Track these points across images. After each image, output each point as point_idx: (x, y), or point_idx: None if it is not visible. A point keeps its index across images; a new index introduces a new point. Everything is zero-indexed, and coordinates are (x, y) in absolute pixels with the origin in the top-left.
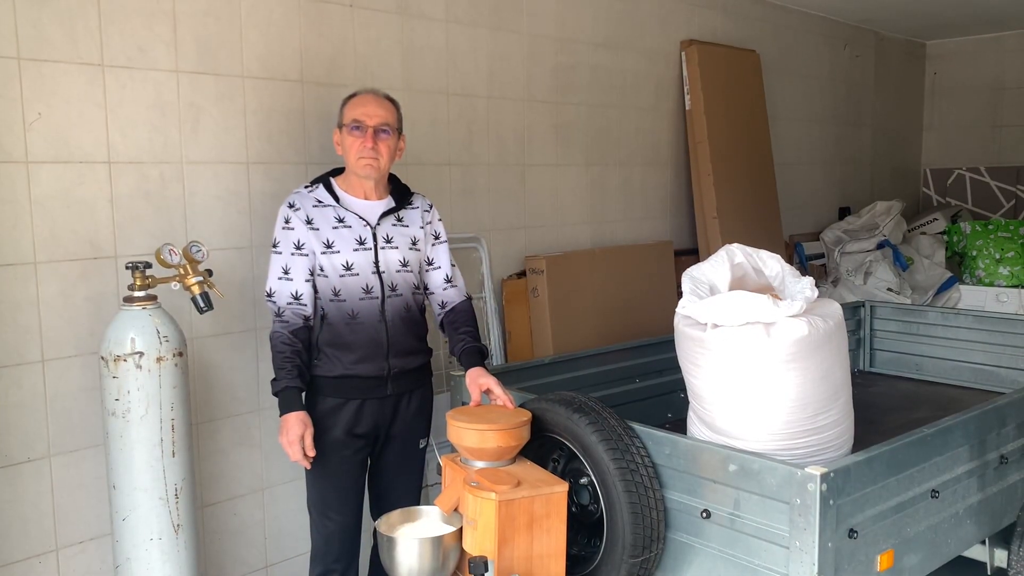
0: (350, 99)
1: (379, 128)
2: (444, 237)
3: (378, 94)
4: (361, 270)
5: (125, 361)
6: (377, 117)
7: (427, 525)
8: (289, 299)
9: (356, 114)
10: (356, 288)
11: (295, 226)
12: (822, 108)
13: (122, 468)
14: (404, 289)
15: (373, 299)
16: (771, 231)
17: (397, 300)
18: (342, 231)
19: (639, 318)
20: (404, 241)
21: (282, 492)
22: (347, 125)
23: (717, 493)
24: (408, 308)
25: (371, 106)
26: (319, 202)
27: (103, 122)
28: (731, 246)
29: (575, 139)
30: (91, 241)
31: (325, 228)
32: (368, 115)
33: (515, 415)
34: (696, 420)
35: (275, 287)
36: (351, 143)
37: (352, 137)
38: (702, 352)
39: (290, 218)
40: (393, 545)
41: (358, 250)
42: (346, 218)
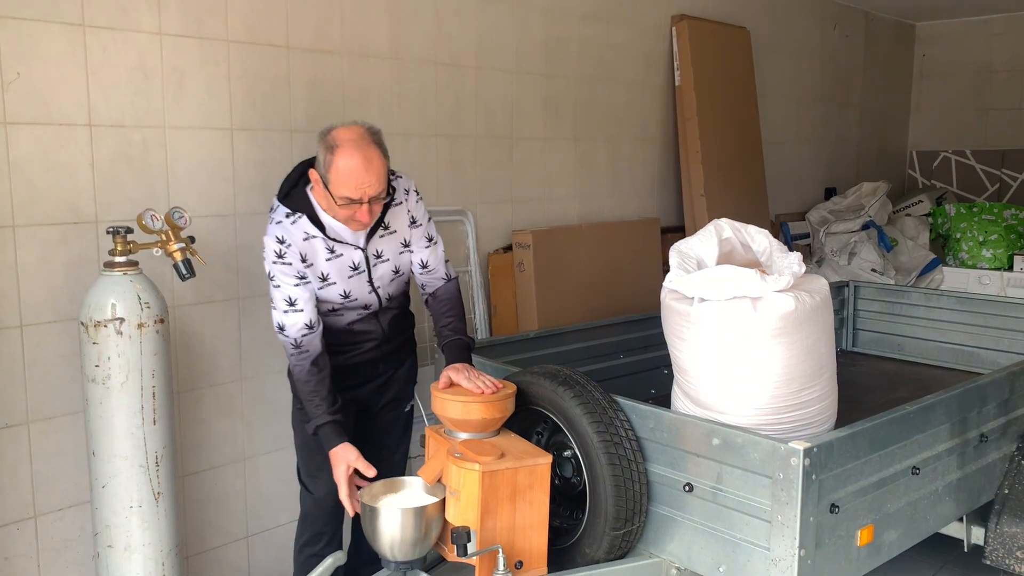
0: (335, 158)
1: (373, 198)
2: (420, 218)
3: (366, 150)
4: (359, 294)
5: (105, 327)
6: (372, 189)
7: (410, 496)
8: (304, 330)
9: (347, 191)
10: (353, 308)
11: (292, 261)
12: (811, 87)
13: (102, 435)
14: (399, 293)
15: (371, 314)
16: (758, 210)
17: (394, 304)
18: (334, 262)
19: (624, 295)
20: (394, 249)
21: (264, 462)
22: (337, 199)
23: (700, 467)
24: (402, 306)
25: (363, 175)
26: (307, 235)
27: (84, 84)
28: (719, 221)
29: (564, 113)
30: (71, 205)
31: (319, 262)
32: (361, 190)
33: (500, 387)
34: (680, 394)
35: (284, 321)
36: (340, 210)
37: (343, 208)
38: (688, 326)
39: (284, 253)
40: (376, 515)
41: (352, 276)
42: (335, 248)
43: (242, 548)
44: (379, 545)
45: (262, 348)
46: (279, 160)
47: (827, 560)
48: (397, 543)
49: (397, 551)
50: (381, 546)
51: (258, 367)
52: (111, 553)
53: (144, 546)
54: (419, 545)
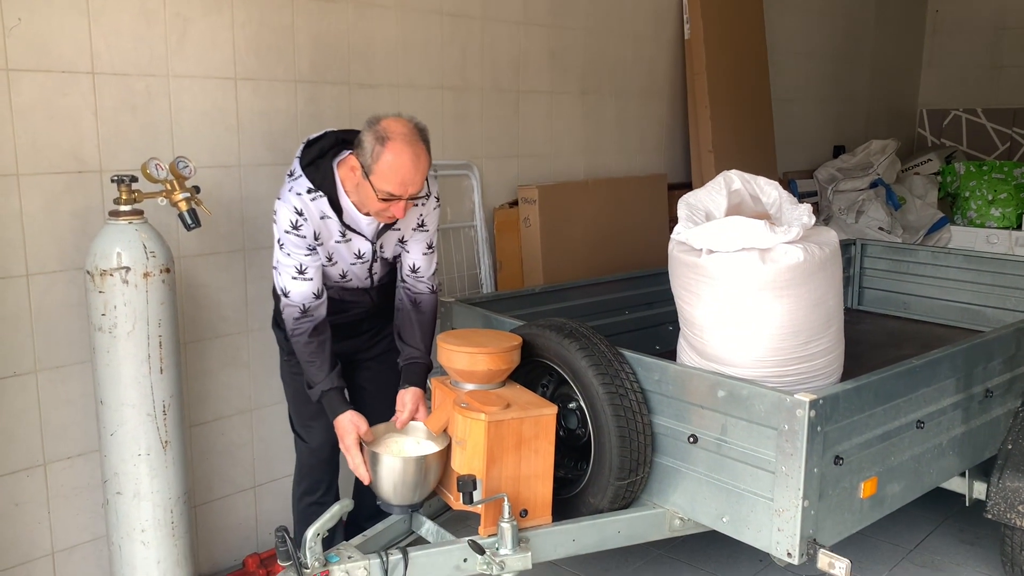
0: (383, 149)
1: (413, 196)
2: (430, 225)
3: (415, 146)
4: (356, 277)
5: (111, 276)
6: (414, 187)
7: (413, 439)
8: (312, 299)
9: (391, 187)
10: (349, 289)
11: (306, 234)
12: (821, 43)
13: (109, 384)
14: (390, 278)
15: (364, 292)
16: (766, 167)
17: (384, 281)
18: (343, 246)
19: (630, 251)
20: (392, 242)
21: (270, 414)
22: (378, 191)
23: (705, 419)
24: (392, 282)
25: (411, 173)
26: (324, 215)
27: (86, 30)
28: (728, 172)
29: (571, 66)
30: (75, 154)
31: (329, 242)
32: (404, 187)
33: (506, 339)
34: (687, 347)
35: (290, 287)
36: (375, 202)
37: (381, 202)
38: (696, 278)
39: (300, 225)
40: (377, 461)
41: (355, 263)
42: (347, 234)
43: (249, 497)
44: (380, 489)
45: (268, 300)
46: (283, 110)
47: (830, 511)
48: (398, 488)
49: (398, 496)
50: (383, 490)
51: (264, 319)
52: (120, 500)
53: (153, 493)
54: (419, 489)
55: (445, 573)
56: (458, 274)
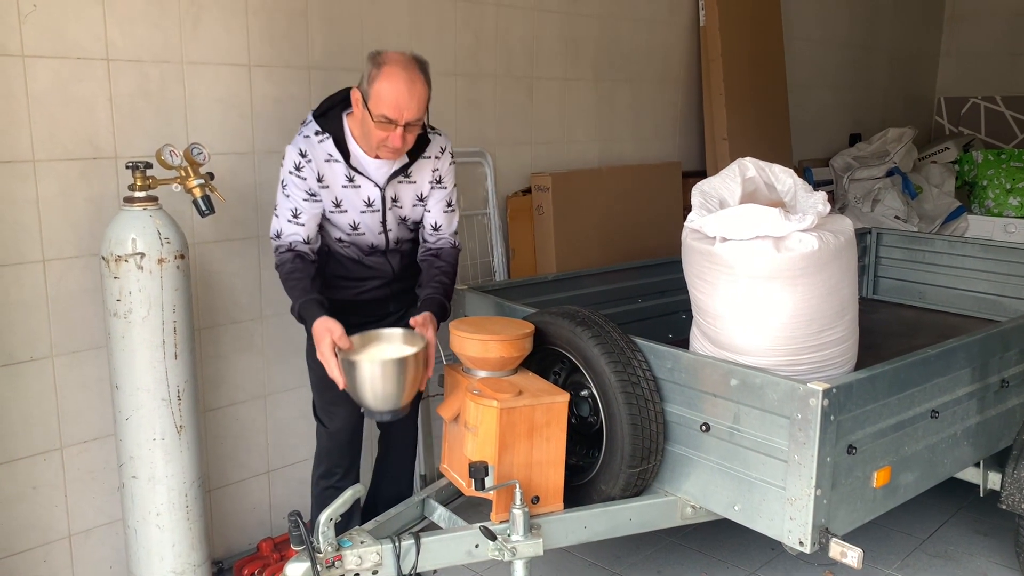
0: (380, 74)
1: (409, 123)
2: (447, 182)
3: (411, 71)
4: (368, 230)
5: (126, 261)
6: (410, 113)
7: (389, 346)
8: (300, 243)
9: (387, 110)
10: (363, 244)
11: (307, 176)
12: (838, 30)
13: (124, 368)
14: (408, 239)
15: (379, 252)
16: (781, 155)
17: (404, 247)
18: (350, 191)
19: (644, 239)
20: (409, 199)
21: (284, 399)
22: (375, 117)
23: (717, 407)
24: (413, 251)
25: (404, 97)
26: (330, 157)
27: (100, 17)
28: (743, 160)
29: (585, 53)
30: (90, 140)
31: (335, 186)
32: (400, 112)
33: (519, 327)
34: (699, 335)
35: (284, 229)
36: (375, 131)
37: (378, 128)
38: (709, 266)
39: (302, 166)
40: (351, 367)
41: (365, 212)
42: (356, 178)
43: (263, 482)
44: (360, 396)
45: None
46: (297, 97)
47: (842, 500)
48: (378, 393)
49: (378, 401)
50: (362, 397)
51: (277, 305)
52: (135, 484)
53: (168, 477)
54: (398, 394)
55: (457, 558)
56: (470, 261)
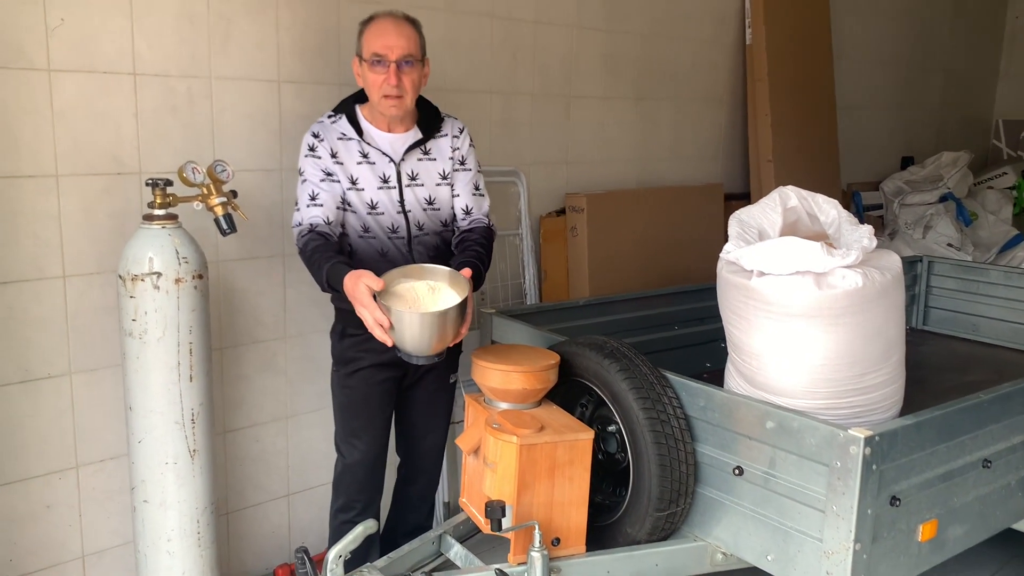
0: (368, 25)
1: (402, 61)
2: (471, 164)
3: (397, 18)
4: (386, 209)
5: (142, 281)
6: (399, 49)
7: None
8: (321, 223)
9: (376, 47)
10: (383, 227)
11: (321, 155)
12: (891, 49)
13: (138, 390)
14: (432, 227)
15: (400, 238)
16: (828, 178)
17: (426, 239)
18: (365, 168)
19: (683, 263)
20: (431, 177)
21: (306, 421)
22: (367, 60)
23: (752, 450)
24: (437, 246)
25: (391, 36)
26: (343, 135)
27: (128, 31)
28: (784, 188)
29: (625, 71)
30: (115, 156)
31: (349, 163)
32: (389, 47)
33: (543, 357)
34: (734, 373)
35: (304, 214)
36: (373, 79)
37: (374, 73)
38: (746, 301)
39: (315, 147)
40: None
41: (382, 188)
42: (370, 154)
43: (283, 506)
44: (401, 343)
45: (306, 306)
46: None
47: (884, 555)
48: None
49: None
50: (404, 344)
51: (302, 325)
52: (147, 508)
53: (179, 503)
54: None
55: None
56: (501, 283)
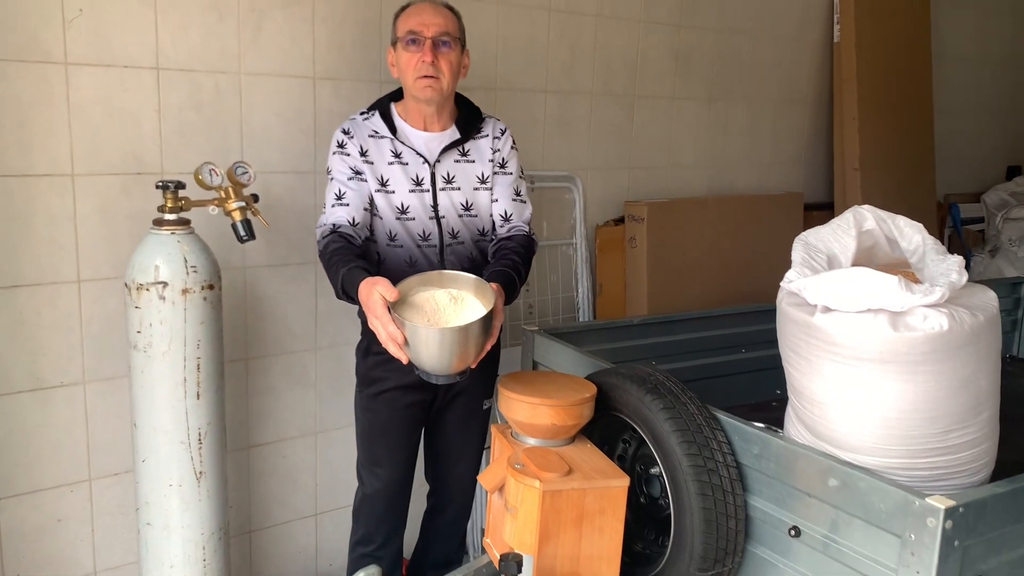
0: (403, 11)
1: (439, 39)
2: (512, 168)
3: (435, 2)
4: (417, 214)
5: (148, 291)
6: (435, 26)
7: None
8: (346, 224)
9: (411, 24)
10: (413, 234)
11: (351, 152)
12: (999, 48)
13: (143, 406)
14: (467, 236)
15: (431, 247)
16: (922, 189)
17: (460, 248)
18: (396, 168)
19: (755, 280)
20: (468, 180)
21: (337, 437)
22: (401, 39)
23: (812, 509)
24: (472, 258)
25: (427, 14)
26: (375, 132)
27: (151, 23)
28: (860, 208)
29: (697, 69)
30: (135, 154)
31: (380, 163)
32: (425, 24)
33: (577, 389)
34: (794, 419)
35: (329, 215)
36: (407, 60)
37: (408, 53)
38: (808, 340)
39: (344, 143)
40: (411, 332)
41: (414, 191)
42: (403, 153)
43: (310, 525)
44: (419, 360)
45: (338, 316)
46: None
47: None
48: (438, 359)
49: (442, 366)
50: (422, 362)
51: (334, 336)
52: (150, 531)
53: (183, 528)
54: (463, 359)
55: None
56: (551, 296)
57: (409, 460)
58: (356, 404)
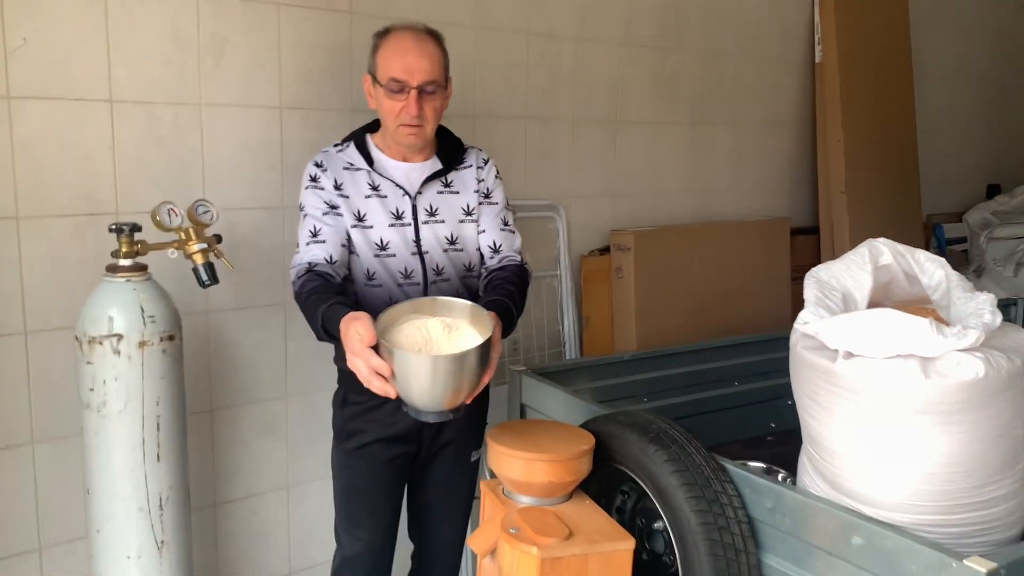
0: (384, 40)
1: (424, 87)
2: (497, 197)
3: (419, 33)
4: (398, 250)
5: (101, 344)
6: (422, 73)
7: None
8: (322, 262)
9: (395, 71)
10: (393, 271)
11: (324, 186)
12: (976, 67)
13: (97, 470)
14: (453, 272)
15: (413, 284)
16: (908, 211)
17: (445, 286)
18: (374, 202)
19: (744, 309)
20: (453, 212)
21: (311, 490)
22: (384, 85)
23: (833, 570)
24: (459, 295)
25: (412, 57)
26: (350, 164)
27: (104, 52)
28: (875, 241)
29: (680, 93)
30: (87, 194)
31: (356, 196)
32: (410, 72)
33: (574, 440)
34: (810, 469)
35: (303, 254)
36: (389, 106)
37: (391, 101)
38: (828, 388)
39: (317, 176)
40: (399, 360)
41: (394, 225)
42: (381, 185)
43: None
44: (408, 394)
45: (311, 362)
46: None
47: None
48: (429, 392)
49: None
50: (411, 396)
51: (305, 383)
52: None
53: None
54: (458, 391)
55: None
56: (536, 330)
57: (392, 520)
58: (333, 460)
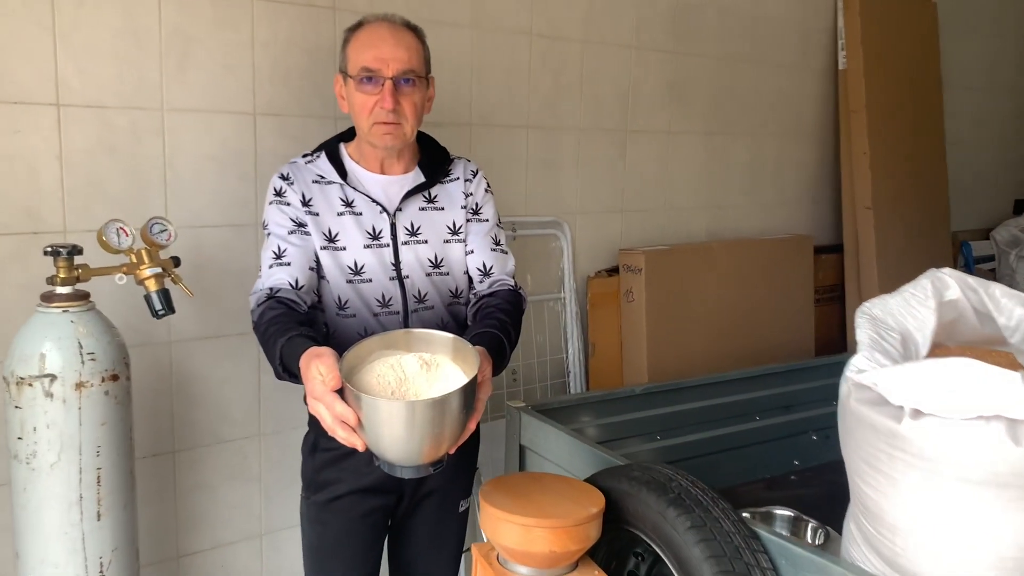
0: (355, 33)
1: (400, 78)
2: (487, 214)
3: (394, 23)
4: (374, 275)
5: (31, 386)
6: (397, 62)
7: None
8: (286, 286)
9: (366, 59)
10: (368, 299)
11: (291, 201)
12: (1005, 76)
13: (27, 532)
14: (437, 298)
15: (392, 313)
16: (938, 228)
17: (427, 314)
18: (348, 219)
19: (765, 334)
20: (437, 231)
21: (286, 539)
22: (354, 77)
23: None
24: (443, 325)
25: (387, 46)
26: (320, 177)
27: (50, 50)
28: (939, 272)
29: (694, 101)
30: (29, 210)
31: (327, 213)
32: (383, 60)
33: (581, 500)
34: (860, 541)
35: (265, 278)
36: (362, 102)
37: (363, 94)
38: (890, 453)
39: (283, 190)
40: (367, 407)
41: (370, 246)
42: (355, 201)
43: None
44: (378, 445)
45: (286, 395)
46: None
47: None
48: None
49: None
50: (382, 447)
51: (280, 419)
52: None
53: None
54: (437, 442)
55: None
56: (538, 359)
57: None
58: (302, 515)
